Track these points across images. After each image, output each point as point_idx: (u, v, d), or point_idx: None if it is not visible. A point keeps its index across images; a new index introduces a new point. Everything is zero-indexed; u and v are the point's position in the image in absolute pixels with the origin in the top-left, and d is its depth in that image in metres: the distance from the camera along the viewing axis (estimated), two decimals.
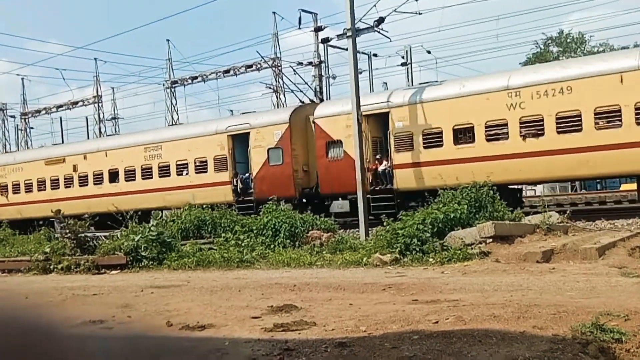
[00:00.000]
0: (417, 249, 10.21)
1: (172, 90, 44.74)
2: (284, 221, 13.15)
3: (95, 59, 45.73)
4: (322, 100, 28.03)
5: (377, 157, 18.02)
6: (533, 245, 10.04)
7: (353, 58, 15.19)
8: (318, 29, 30.49)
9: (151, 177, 22.64)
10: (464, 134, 16.18)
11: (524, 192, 20.28)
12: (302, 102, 24.45)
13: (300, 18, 29.45)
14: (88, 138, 39.53)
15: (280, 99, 38.46)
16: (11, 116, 52.41)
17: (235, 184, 20.48)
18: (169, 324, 5.63)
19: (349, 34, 15.09)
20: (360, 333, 4.85)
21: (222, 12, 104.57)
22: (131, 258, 12.09)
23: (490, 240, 10.19)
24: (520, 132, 15.27)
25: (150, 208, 19.95)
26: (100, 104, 47.62)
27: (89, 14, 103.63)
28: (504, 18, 68.79)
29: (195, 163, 21.41)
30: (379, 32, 16.31)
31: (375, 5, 15.95)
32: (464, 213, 11.42)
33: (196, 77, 41.40)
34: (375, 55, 33.53)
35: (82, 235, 13.57)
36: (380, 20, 16.01)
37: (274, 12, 39.31)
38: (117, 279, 10.91)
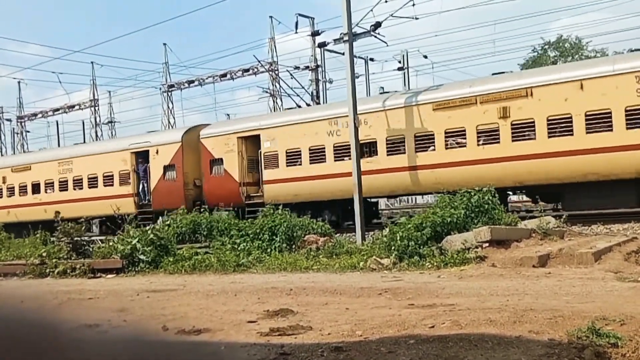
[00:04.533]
0: (414, 253, 10.21)
1: (169, 94, 44.73)
2: (281, 225, 13.14)
3: (92, 62, 45.76)
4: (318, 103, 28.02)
5: None
6: (529, 249, 10.03)
7: (350, 62, 15.21)
8: (315, 34, 30.54)
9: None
10: None
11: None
12: (299, 106, 24.25)
13: (297, 22, 29.51)
14: (84, 142, 39.19)
15: (277, 103, 38.47)
16: (7, 119, 52.43)
17: None
18: (165, 328, 5.59)
19: (346, 38, 15.11)
20: (357, 337, 4.84)
21: (218, 17, 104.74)
22: (127, 262, 12.06)
23: (487, 244, 10.17)
24: None
25: None
26: (96, 108, 47.64)
27: (85, 18, 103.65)
28: (500, 23, 69.10)
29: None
30: (375, 36, 16.33)
31: (372, 10, 16.02)
32: (460, 217, 11.43)
33: (193, 81, 41.36)
34: (372, 59, 33.59)
35: (78, 238, 13.54)
36: (377, 24, 16.05)
37: (271, 17, 39.08)
38: (113, 283, 10.87)
